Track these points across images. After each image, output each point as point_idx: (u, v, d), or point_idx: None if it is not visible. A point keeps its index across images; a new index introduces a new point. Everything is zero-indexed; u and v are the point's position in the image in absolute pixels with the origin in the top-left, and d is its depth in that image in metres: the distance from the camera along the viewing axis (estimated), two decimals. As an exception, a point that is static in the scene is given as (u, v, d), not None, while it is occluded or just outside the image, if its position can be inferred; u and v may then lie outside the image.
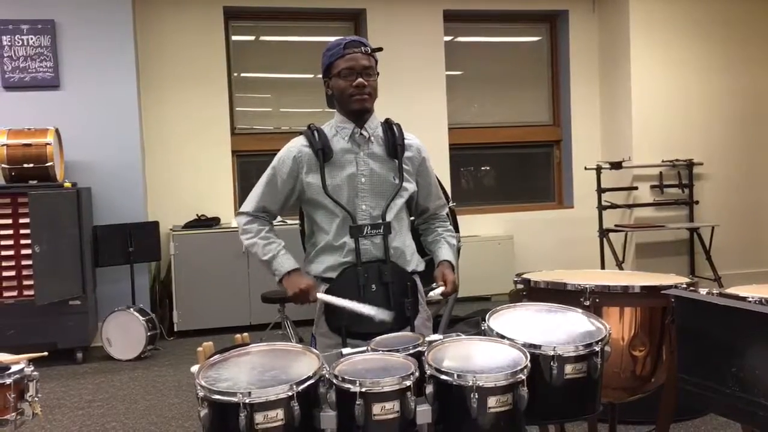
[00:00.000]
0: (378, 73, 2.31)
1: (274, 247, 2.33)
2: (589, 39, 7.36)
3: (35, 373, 2.10)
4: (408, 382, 1.65)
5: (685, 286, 2.21)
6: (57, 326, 5.14)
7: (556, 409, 1.82)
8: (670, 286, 2.19)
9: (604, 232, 6.64)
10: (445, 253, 2.43)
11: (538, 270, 2.66)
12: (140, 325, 5.34)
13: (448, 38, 7.13)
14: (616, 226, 6.71)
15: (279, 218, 2.48)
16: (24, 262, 5.14)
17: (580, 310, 2.03)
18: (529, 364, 1.70)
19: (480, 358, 1.76)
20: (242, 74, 6.85)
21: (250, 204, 2.39)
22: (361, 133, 2.31)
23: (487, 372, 1.66)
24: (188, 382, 4.70)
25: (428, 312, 2.43)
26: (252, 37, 7.02)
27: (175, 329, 5.97)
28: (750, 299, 2.02)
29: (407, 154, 2.36)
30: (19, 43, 5.67)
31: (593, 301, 2.19)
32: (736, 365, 1.69)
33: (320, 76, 2.38)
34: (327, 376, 1.69)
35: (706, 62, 7.03)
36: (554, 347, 1.77)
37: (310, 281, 2.26)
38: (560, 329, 1.92)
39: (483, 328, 1.95)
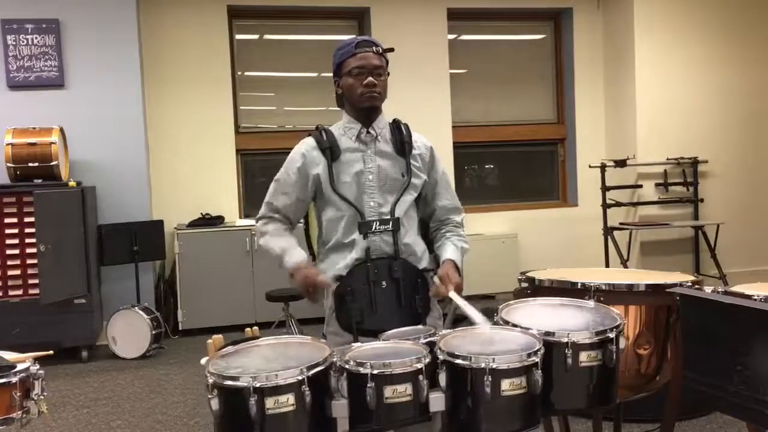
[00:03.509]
0: (388, 74, 2.32)
1: (286, 240, 2.33)
2: (593, 37, 7.35)
3: (41, 371, 2.10)
4: (420, 365, 1.64)
5: (690, 284, 2.20)
6: (62, 325, 5.16)
7: (572, 399, 1.81)
8: (674, 285, 2.18)
9: (608, 231, 6.63)
10: (448, 252, 2.33)
11: (543, 268, 2.64)
12: (145, 323, 5.35)
13: (452, 36, 7.12)
14: (620, 224, 6.69)
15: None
16: (29, 261, 5.16)
17: (592, 303, 2.03)
18: (542, 347, 1.69)
19: (493, 344, 1.76)
20: (246, 73, 6.85)
21: (263, 208, 2.41)
22: (368, 132, 2.32)
23: (501, 354, 1.66)
24: (193, 380, 4.72)
25: (440, 310, 2.42)
26: (256, 36, 7.02)
27: (180, 328, 5.98)
28: (755, 297, 2.01)
29: (415, 151, 2.37)
30: (23, 42, 5.69)
31: (598, 299, 2.18)
32: (741, 363, 1.68)
33: (324, 74, 2.40)
34: (339, 363, 1.68)
35: (710, 60, 7.01)
36: (568, 334, 1.76)
37: (319, 278, 2.20)
38: (573, 319, 1.92)
39: (495, 319, 1.94)
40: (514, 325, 1.85)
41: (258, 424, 1.56)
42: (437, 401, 1.67)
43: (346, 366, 1.66)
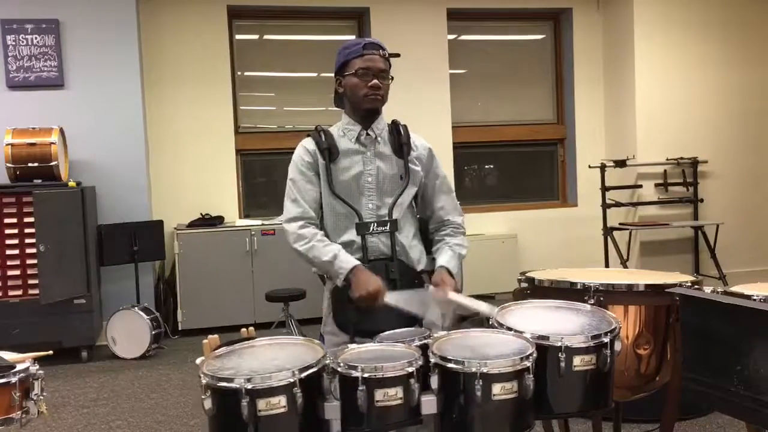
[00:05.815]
0: (392, 78, 2.32)
1: (334, 247, 2.24)
2: (593, 37, 7.35)
3: (40, 371, 2.10)
4: (411, 368, 1.64)
5: (689, 284, 2.20)
6: (62, 325, 5.15)
7: (566, 403, 1.80)
8: (674, 285, 2.18)
9: (608, 231, 6.63)
10: (443, 258, 2.31)
11: (542, 268, 2.65)
12: (145, 323, 5.35)
13: (451, 36, 7.12)
14: (620, 224, 6.69)
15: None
16: (29, 261, 5.16)
17: (588, 306, 2.03)
18: (534, 352, 1.69)
19: (485, 348, 1.76)
20: (246, 73, 6.85)
21: (293, 210, 2.29)
22: (367, 134, 2.33)
23: (492, 359, 1.66)
24: (192, 380, 4.71)
25: (438, 311, 2.42)
26: (256, 36, 7.02)
27: (180, 328, 5.98)
28: (755, 297, 2.01)
29: (414, 152, 2.37)
30: (23, 42, 5.68)
31: (597, 299, 2.18)
32: (740, 363, 1.69)
33: (324, 74, 2.40)
34: (331, 365, 1.69)
35: (710, 60, 7.01)
36: (562, 338, 1.75)
37: (378, 282, 2.15)
38: (569, 323, 1.91)
39: (491, 322, 1.94)
40: (509, 329, 1.84)
41: (250, 426, 1.57)
42: (429, 404, 1.67)
43: (338, 369, 1.66)
